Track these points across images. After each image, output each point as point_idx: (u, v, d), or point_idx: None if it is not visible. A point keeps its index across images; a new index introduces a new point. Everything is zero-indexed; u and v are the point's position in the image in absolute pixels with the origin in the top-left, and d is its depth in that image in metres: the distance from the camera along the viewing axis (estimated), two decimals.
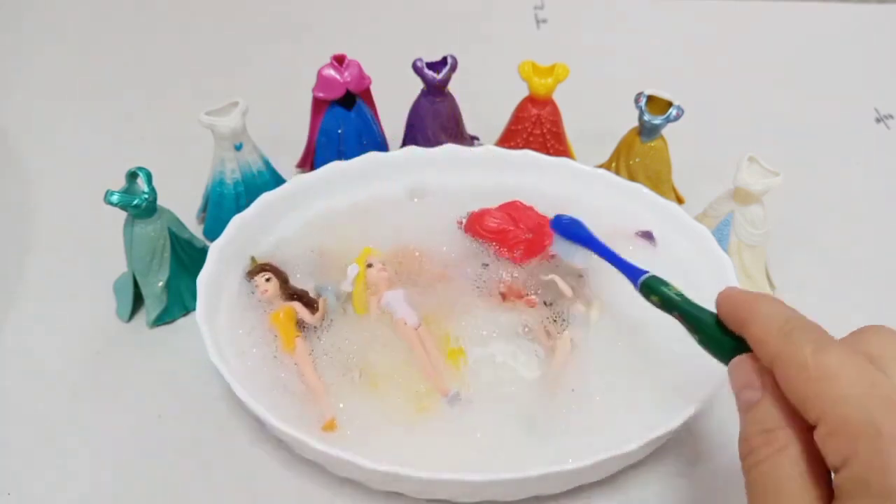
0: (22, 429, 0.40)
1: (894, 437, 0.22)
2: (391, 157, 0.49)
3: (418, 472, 0.32)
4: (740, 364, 0.28)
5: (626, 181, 0.47)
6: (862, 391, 0.23)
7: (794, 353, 0.25)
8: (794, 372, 0.25)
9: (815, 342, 0.25)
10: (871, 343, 0.26)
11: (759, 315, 0.28)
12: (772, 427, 0.26)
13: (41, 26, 0.74)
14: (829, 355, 0.25)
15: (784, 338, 0.26)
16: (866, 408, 0.23)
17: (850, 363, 0.24)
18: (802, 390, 0.25)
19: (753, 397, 0.27)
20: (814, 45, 0.73)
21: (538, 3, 0.77)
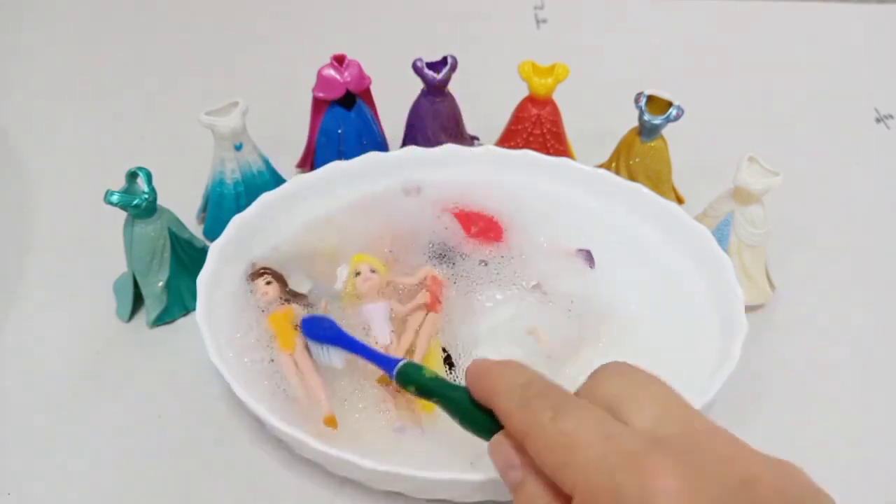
0: (22, 429, 0.40)
1: (636, 499, 0.22)
2: (391, 157, 0.49)
3: (418, 472, 0.32)
4: (497, 444, 0.27)
5: (626, 181, 0.47)
6: (600, 452, 0.23)
7: (535, 423, 0.25)
8: (539, 445, 0.25)
9: (552, 408, 0.25)
10: (607, 386, 0.26)
11: (501, 388, 0.27)
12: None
13: (41, 26, 0.73)
14: (565, 420, 0.24)
15: (524, 409, 0.26)
16: (607, 471, 0.23)
17: (586, 423, 0.24)
18: (550, 462, 0.24)
19: (517, 477, 0.26)
20: (814, 45, 0.73)
21: (538, 3, 0.77)
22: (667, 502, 0.21)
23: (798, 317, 0.47)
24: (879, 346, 0.45)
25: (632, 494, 0.22)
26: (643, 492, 0.22)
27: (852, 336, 0.46)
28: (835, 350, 0.45)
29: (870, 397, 0.43)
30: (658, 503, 0.21)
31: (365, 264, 0.42)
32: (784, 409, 0.41)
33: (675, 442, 0.23)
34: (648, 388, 0.26)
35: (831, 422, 0.41)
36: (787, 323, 0.46)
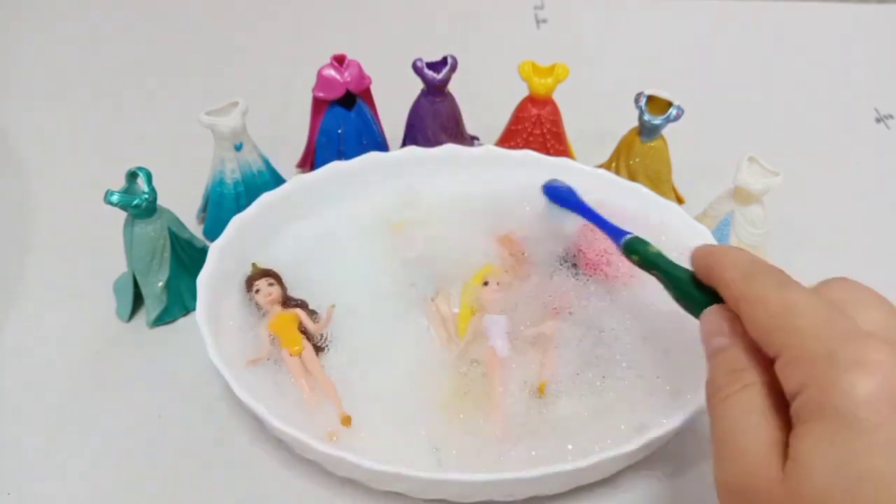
0: (22, 429, 0.40)
1: (848, 362, 0.22)
2: (391, 157, 0.49)
3: (418, 472, 0.33)
4: (710, 314, 0.29)
5: (626, 181, 0.47)
6: (819, 323, 0.24)
7: (758, 291, 0.26)
8: (756, 309, 0.26)
9: (777, 282, 0.27)
10: (832, 289, 0.27)
11: (727, 261, 0.29)
12: (739, 368, 0.26)
13: (41, 26, 0.73)
14: (790, 292, 0.26)
15: (748, 279, 0.27)
16: (822, 338, 0.24)
17: (810, 300, 0.25)
18: (764, 325, 0.26)
19: (722, 343, 0.28)
20: (814, 45, 0.73)
21: (538, 3, 0.77)
22: (879, 372, 0.22)
23: None
24: None
25: (845, 359, 0.23)
26: (857, 359, 0.22)
27: None
28: None
29: None
30: (870, 371, 0.22)
31: (494, 278, 0.42)
32: None
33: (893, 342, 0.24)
34: (875, 298, 0.27)
35: None
36: None
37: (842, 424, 0.22)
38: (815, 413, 0.23)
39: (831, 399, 0.22)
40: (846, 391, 0.22)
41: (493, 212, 0.47)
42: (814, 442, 0.23)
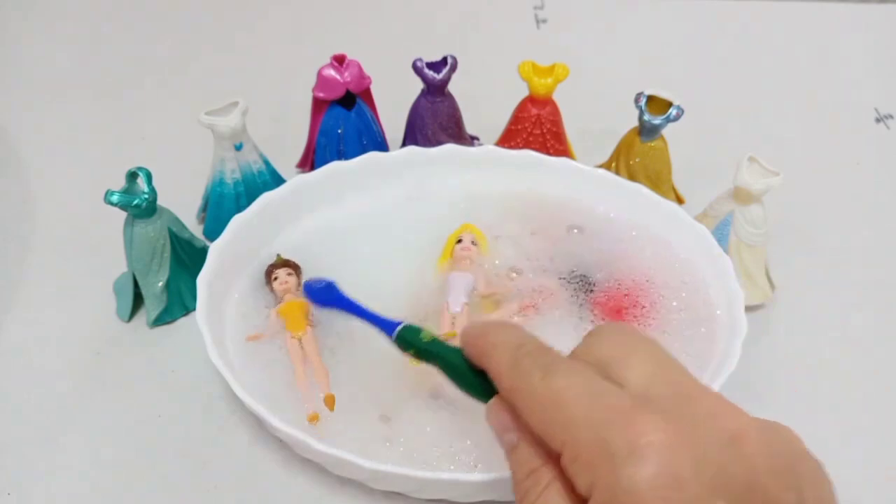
0: (22, 429, 0.40)
1: (623, 453, 0.22)
2: (391, 157, 0.49)
3: (418, 472, 0.33)
4: (493, 407, 0.27)
5: (626, 181, 0.47)
6: (587, 408, 0.23)
7: (525, 383, 0.25)
8: (528, 403, 0.25)
9: (542, 367, 0.25)
10: (599, 347, 0.26)
11: (495, 347, 0.27)
12: (535, 466, 0.25)
13: (41, 26, 0.73)
14: (555, 378, 0.24)
15: (515, 369, 0.26)
16: (594, 426, 0.23)
17: (575, 381, 0.24)
18: (539, 421, 0.24)
19: (512, 440, 0.26)
20: (814, 45, 0.73)
21: (538, 3, 0.77)
22: (654, 456, 0.21)
23: (798, 317, 0.47)
24: (879, 345, 0.45)
25: (619, 448, 0.22)
26: (631, 446, 0.21)
27: (852, 336, 0.46)
28: (835, 350, 0.45)
29: (870, 397, 0.43)
30: (645, 457, 0.21)
31: (469, 234, 0.44)
32: (784, 409, 0.41)
33: (665, 400, 0.23)
34: (641, 349, 0.26)
35: (832, 421, 0.41)
36: (787, 323, 0.46)
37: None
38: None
39: (619, 498, 0.21)
40: (628, 487, 0.21)
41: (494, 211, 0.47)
42: None
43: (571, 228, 0.47)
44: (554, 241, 0.46)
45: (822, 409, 0.42)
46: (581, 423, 0.23)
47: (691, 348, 0.40)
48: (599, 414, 0.23)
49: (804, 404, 0.42)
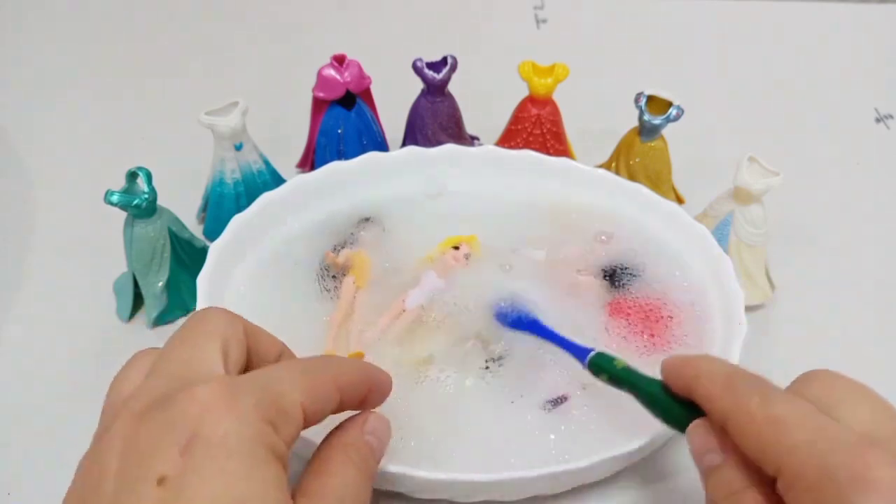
0: (22, 429, 0.40)
1: (853, 484, 0.22)
2: (391, 157, 0.49)
3: (418, 472, 0.33)
4: (698, 428, 0.28)
5: (626, 181, 0.47)
6: (811, 437, 0.23)
7: (742, 405, 0.25)
8: (744, 425, 0.25)
9: (760, 393, 0.25)
10: (813, 388, 0.26)
11: (703, 373, 0.28)
12: (738, 489, 0.25)
13: (41, 26, 0.74)
14: (774, 405, 0.25)
15: (730, 392, 0.26)
16: (819, 454, 0.23)
17: (796, 411, 0.24)
18: (756, 444, 0.25)
19: (715, 460, 0.27)
20: (814, 45, 0.73)
21: (538, 3, 0.77)
22: (884, 491, 0.21)
23: (798, 317, 0.47)
24: (879, 345, 0.45)
25: (847, 478, 0.22)
26: (859, 477, 0.22)
27: (852, 336, 0.46)
28: (835, 350, 0.45)
29: None
30: (874, 490, 0.21)
31: (467, 247, 0.44)
32: None
33: (890, 442, 0.23)
34: (859, 392, 0.26)
35: None
36: (787, 323, 0.46)
37: None
38: None
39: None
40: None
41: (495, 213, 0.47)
42: None
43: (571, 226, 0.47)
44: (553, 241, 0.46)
45: None
46: (804, 449, 0.23)
47: (691, 348, 0.40)
48: (824, 443, 0.23)
49: None
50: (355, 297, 0.41)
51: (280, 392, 0.25)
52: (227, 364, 0.27)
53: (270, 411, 0.25)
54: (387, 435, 0.31)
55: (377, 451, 0.30)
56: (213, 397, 0.24)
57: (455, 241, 0.45)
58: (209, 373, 0.26)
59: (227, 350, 0.27)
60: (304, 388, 0.26)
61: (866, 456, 0.22)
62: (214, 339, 0.27)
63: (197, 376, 0.25)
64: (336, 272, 0.43)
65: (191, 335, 0.27)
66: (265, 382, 0.26)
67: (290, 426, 0.26)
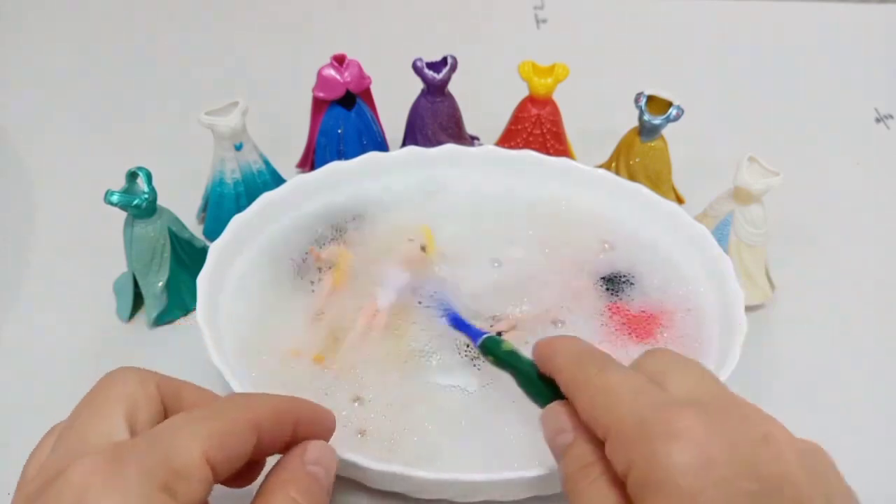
0: (22, 429, 0.40)
1: (661, 434, 0.23)
2: (391, 157, 0.49)
3: (418, 472, 0.32)
4: (550, 410, 0.29)
5: (626, 181, 0.47)
6: (631, 398, 0.25)
7: (583, 376, 0.28)
8: (582, 394, 0.27)
9: (598, 365, 0.28)
10: (648, 363, 0.28)
11: (559, 350, 0.30)
12: (588, 462, 0.27)
13: (41, 26, 0.73)
14: (609, 374, 0.27)
15: (575, 365, 0.28)
16: (637, 413, 0.24)
17: (625, 379, 0.26)
18: (590, 409, 0.26)
19: (567, 439, 0.28)
20: (814, 45, 0.73)
21: (538, 3, 0.77)
22: (688, 437, 0.23)
23: (798, 317, 0.47)
24: (879, 345, 0.45)
25: (657, 430, 0.23)
26: (668, 428, 0.23)
27: (852, 336, 0.46)
28: (835, 350, 0.45)
29: (870, 397, 0.43)
30: (680, 437, 0.23)
31: (422, 237, 0.45)
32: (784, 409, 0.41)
33: (704, 403, 0.25)
34: (688, 365, 0.28)
35: (832, 422, 0.41)
36: (787, 323, 0.46)
37: (666, 497, 0.22)
38: (642, 490, 0.23)
39: (653, 473, 0.23)
40: (664, 463, 0.22)
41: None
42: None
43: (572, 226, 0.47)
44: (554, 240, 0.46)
45: (822, 409, 0.42)
46: (625, 410, 0.25)
47: (690, 348, 0.40)
48: (643, 403, 0.25)
49: (804, 404, 0.42)
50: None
51: (174, 450, 0.24)
52: (134, 427, 0.25)
53: (162, 475, 0.23)
54: (333, 462, 0.29)
55: (324, 480, 0.28)
56: (93, 473, 0.22)
57: (407, 234, 0.45)
58: (101, 443, 0.24)
59: (135, 412, 0.26)
60: (208, 436, 0.24)
61: (676, 411, 0.24)
62: (118, 403, 0.26)
63: (87, 448, 0.24)
64: (321, 266, 0.43)
65: (93, 402, 0.27)
66: (156, 443, 0.24)
67: (192, 484, 0.24)
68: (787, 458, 0.23)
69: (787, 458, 0.23)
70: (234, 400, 0.28)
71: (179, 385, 0.29)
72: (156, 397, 0.27)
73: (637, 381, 0.26)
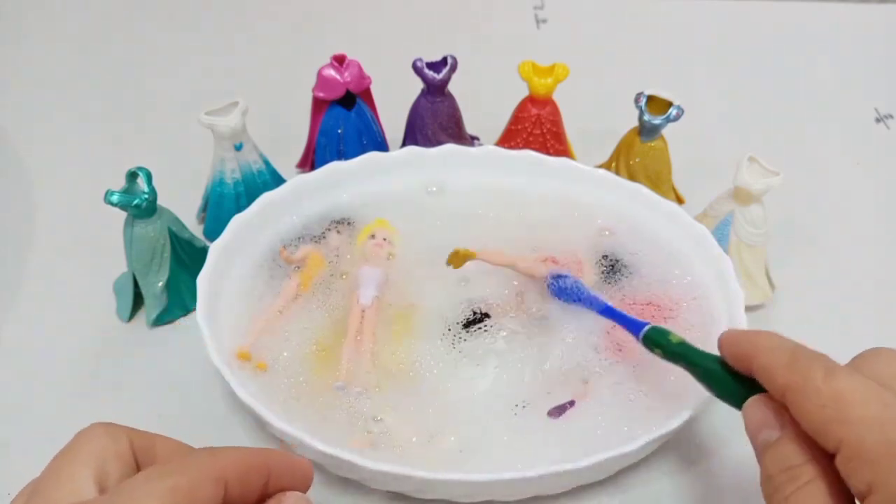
0: (22, 429, 0.40)
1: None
2: (391, 157, 0.49)
3: (418, 472, 0.33)
4: (754, 404, 0.28)
5: (626, 181, 0.47)
6: (876, 412, 0.23)
7: (805, 380, 0.25)
8: (806, 400, 0.25)
9: (823, 368, 0.25)
10: (874, 365, 0.26)
11: (763, 348, 0.28)
12: (795, 463, 0.25)
13: (41, 26, 0.73)
14: (839, 380, 0.25)
15: (792, 367, 0.26)
16: (883, 429, 0.23)
17: (861, 386, 0.24)
18: (818, 418, 0.25)
19: (772, 436, 0.27)
20: (814, 45, 0.73)
21: (538, 3, 0.77)
22: None
23: (798, 317, 0.47)
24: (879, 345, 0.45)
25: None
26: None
27: (852, 336, 0.46)
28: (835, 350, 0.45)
29: None
30: None
31: (382, 230, 0.45)
32: None
33: None
34: None
35: None
36: (787, 323, 0.46)
37: None
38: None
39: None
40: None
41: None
42: None
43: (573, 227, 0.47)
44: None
45: None
46: (867, 423, 0.23)
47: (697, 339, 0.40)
48: (889, 420, 0.23)
49: None
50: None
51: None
52: (104, 485, 0.25)
53: None
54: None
55: None
56: None
57: (367, 231, 0.45)
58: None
59: (105, 470, 0.26)
60: (170, 492, 0.24)
61: None
62: (87, 461, 0.26)
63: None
64: (299, 265, 0.44)
65: (61, 462, 0.26)
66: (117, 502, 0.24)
67: None
68: None
69: None
70: (199, 454, 0.27)
71: (153, 438, 0.28)
72: (127, 452, 0.27)
73: (872, 390, 0.24)
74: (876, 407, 0.24)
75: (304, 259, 0.44)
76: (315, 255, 0.44)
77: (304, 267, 0.43)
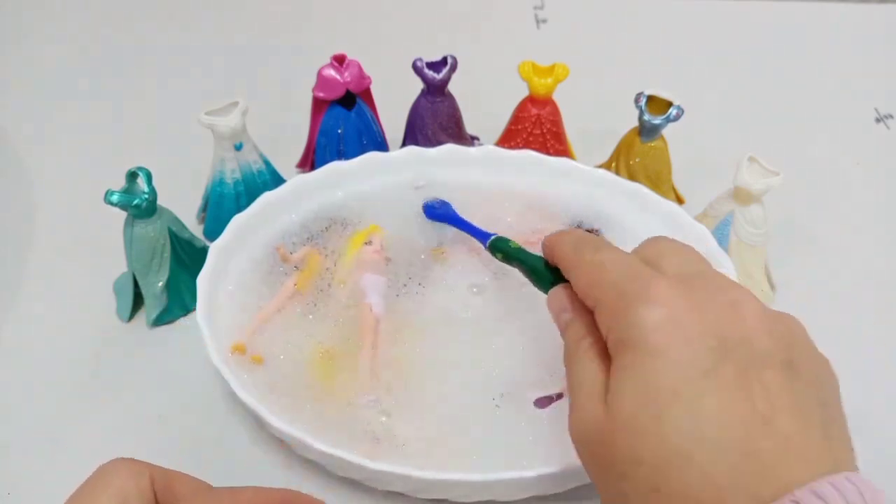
0: (22, 429, 0.40)
1: (636, 298, 0.26)
2: (391, 156, 0.49)
3: (418, 472, 0.33)
4: (554, 292, 0.32)
5: (626, 181, 0.47)
6: (620, 273, 0.28)
7: (580, 256, 0.30)
8: (577, 271, 0.30)
9: (594, 247, 0.30)
10: (646, 248, 0.30)
11: (559, 241, 0.33)
12: (583, 335, 0.29)
13: (41, 26, 0.73)
14: (602, 253, 0.29)
15: (575, 249, 0.31)
16: (620, 285, 0.27)
17: (617, 257, 0.29)
18: (583, 284, 0.29)
19: (567, 317, 0.31)
20: (814, 45, 0.73)
21: (538, 3, 0.77)
22: (661, 301, 0.25)
23: (798, 316, 0.46)
24: (880, 345, 0.45)
25: (635, 297, 0.26)
26: (644, 294, 0.26)
27: (852, 336, 0.46)
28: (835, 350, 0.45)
29: (870, 398, 0.42)
30: (654, 301, 0.25)
31: (378, 236, 0.45)
32: None
33: (683, 276, 0.27)
34: (682, 250, 0.30)
35: None
36: None
37: (638, 353, 0.25)
38: (619, 348, 0.26)
39: (628, 333, 0.25)
40: (637, 323, 0.25)
41: None
42: (620, 372, 0.25)
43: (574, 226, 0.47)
44: None
45: None
46: (613, 283, 0.27)
47: None
48: (628, 276, 0.27)
49: None
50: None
51: None
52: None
53: None
54: None
55: None
56: None
57: (362, 237, 0.45)
58: None
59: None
60: None
61: (655, 282, 0.26)
62: (110, 497, 0.26)
63: None
64: (297, 266, 0.44)
65: (85, 496, 0.27)
66: None
67: None
68: (750, 323, 0.25)
69: (750, 323, 0.25)
70: (220, 494, 0.29)
71: (173, 476, 0.29)
72: (148, 490, 0.27)
73: (627, 259, 0.29)
74: (621, 270, 0.28)
75: (303, 259, 0.44)
76: (314, 255, 0.44)
77: (304, 267, 0.43)
